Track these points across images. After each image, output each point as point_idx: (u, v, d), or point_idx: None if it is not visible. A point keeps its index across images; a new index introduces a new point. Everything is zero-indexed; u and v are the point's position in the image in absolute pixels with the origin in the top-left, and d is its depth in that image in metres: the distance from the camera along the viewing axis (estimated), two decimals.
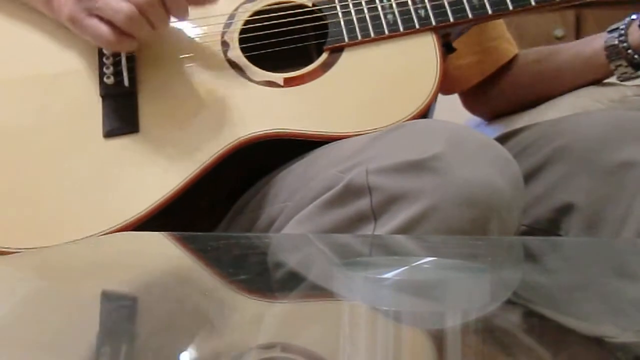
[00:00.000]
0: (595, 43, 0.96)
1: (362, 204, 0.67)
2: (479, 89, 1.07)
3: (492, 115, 1.12)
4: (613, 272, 0.50)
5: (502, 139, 0.88)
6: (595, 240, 0.72)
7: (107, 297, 0.44)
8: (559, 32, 2.11)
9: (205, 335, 0.34)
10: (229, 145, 0.78)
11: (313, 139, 0.78)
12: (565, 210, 0.77)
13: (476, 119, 1.19)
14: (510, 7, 0.84)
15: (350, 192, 0.67)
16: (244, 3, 0.86)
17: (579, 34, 2.07)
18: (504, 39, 1.06)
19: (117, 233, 0.73)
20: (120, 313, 0.39)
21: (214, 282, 0.49)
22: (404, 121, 0.77)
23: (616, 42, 0.91)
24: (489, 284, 0.42)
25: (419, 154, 0.65)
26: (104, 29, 0.75)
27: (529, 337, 0.34)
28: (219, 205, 0.85)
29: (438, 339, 0.34)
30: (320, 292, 0.45)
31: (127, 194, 0.77)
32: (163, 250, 0.61)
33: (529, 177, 0.79)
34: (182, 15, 0.79)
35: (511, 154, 0.69)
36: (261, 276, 0.48)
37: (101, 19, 0.76)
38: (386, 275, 0.40)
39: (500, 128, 1.07)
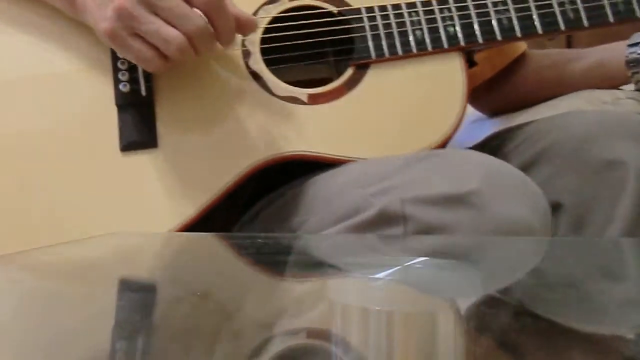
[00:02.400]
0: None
1: (395, 232, 0.67)
2: (484, 87, 1.08)
3: (493, 112, 1.13)
4: (599, 272, 0.51)
5: (498, 137, 0.89)
6: (582, 239, 0.73)
7: (105, 297, 0.44)
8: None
9: (221, 328, 0.34)
10: (252, 166, 0.76)
11: (336, 162, 0.77)
12: (553, 209, 0.77)
13: (470, 118, 1.20)
14: (540, 31, 0.82)
15: (383, 219, 0.67)
16: (264, 4, 0.82)
17: (569, 39, 2.08)
18: None
19: (116, 232, 0.73)
20: (118, 312, 0.39)
21: (228, 268, 0.49)
22: (430, 148, 0.77)
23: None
24: (480, 283, 0.43)
25: (456, 188, 0.66)
26: (149, 54, 0.72)
27: (519, 336, 0.34)
28: (231, 220, 0.84)
29: (430, 339, 0.34)
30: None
31: (144, 215, 0.74)
32: (161, 249, 0.61)
33: None
34: (229, 44, 0.76)
35: (505, 152, 0.70)
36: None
37: (146, 41, 0.72)
38: (379, 275, 0.40)
39: (495, 127, 1.08)
